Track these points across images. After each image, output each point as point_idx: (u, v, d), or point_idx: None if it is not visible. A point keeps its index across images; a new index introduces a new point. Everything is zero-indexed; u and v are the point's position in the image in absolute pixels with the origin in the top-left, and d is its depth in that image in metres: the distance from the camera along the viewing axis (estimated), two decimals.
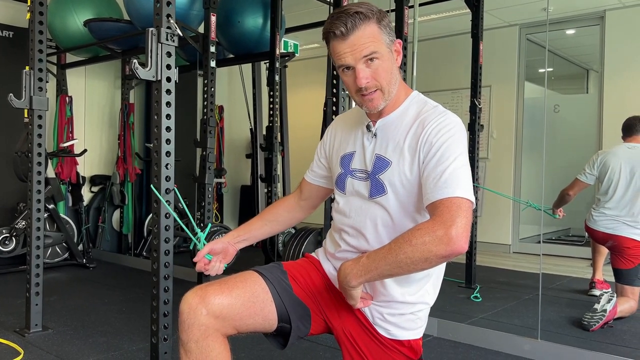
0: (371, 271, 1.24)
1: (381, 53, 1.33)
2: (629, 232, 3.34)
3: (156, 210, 2.22)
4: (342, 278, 1.29)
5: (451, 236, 1.16)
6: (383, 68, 1.35)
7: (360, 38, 1.31)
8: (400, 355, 1.45)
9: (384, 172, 1.40)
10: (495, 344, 2.75)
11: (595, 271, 3.91)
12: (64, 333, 2.91)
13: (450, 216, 1.18)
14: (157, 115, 2.21)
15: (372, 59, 1.33)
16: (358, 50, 1.31)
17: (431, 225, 1.19)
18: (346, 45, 1.32)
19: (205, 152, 3.64)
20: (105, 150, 5.45)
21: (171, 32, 2.20)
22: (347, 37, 1.32)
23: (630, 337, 3.01)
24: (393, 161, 1.39)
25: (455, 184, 1.23)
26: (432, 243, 1.17)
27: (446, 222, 1.18)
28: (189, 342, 1.36)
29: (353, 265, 1.27)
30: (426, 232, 1.18)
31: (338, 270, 1.32)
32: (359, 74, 1.33)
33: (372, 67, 1.34)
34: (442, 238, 1.16)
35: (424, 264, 1.19)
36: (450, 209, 1.20)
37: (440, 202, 1.23)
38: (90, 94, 5.32)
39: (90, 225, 5.16)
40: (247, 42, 4.27)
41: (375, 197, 1.41)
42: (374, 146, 1.44)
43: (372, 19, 1.32)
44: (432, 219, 1.22)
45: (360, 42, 1.31)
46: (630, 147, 3.46)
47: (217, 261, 1.59)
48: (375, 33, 1.33)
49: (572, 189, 3.62)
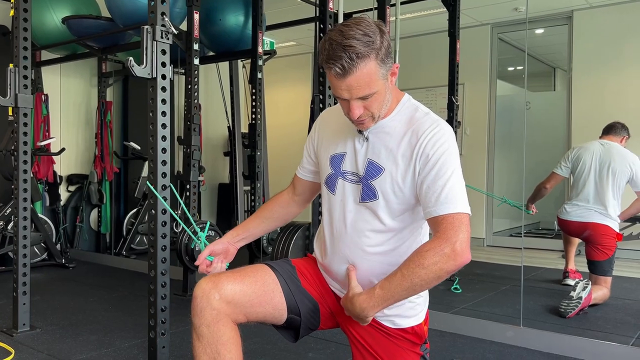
0: (387, 300, 1.32)
1: (377, 90, 1.33)
2: (601, 219, 3.50)
3: (153, 207, 2.24)
4: (359, 312, 1.35)
5: (457, 252, 1.26)
6: (377, 100, 1.35)
7: (357, 80, 1.30)
8: (407, 342, 1.52)
9: (377, 179, 1.42)
10: (479, 331, 2.85)
11: (568, 261, 4.07)
12: (53, 332, 2.90)
13: (454, 232, 1.28)
14: (153, 113, 2.22)
15: (367, 98, 1.34)
16: (354, 91, 1.32)
17: (438, 245, 1.27)
18: (343, 85, 1.32)
19: (189, 150, 3.65)
20: (82, 149, 5.38)
21: (166, 30, 2.22)
22: (344, 78, 1.30)
23: (604, 322, 3.16)
24: (386, 168, 1.41)
25: (455, 200, 1.31)
26: (442, 262, 1.26)
27: (450, 238, 1.27)
28: (201, 326, 1.40)
29: (368, 299, 1.33)
30: (435, 252, 1.26)
31: (350, 303, 1.37)
32: (353, 109, 1.35)
33: (367, 101, 1.35)
34: (450, 255, 1.26)
35: (436, 281, 1.29)
36: (453, 225, 1.28)
37: (443, 218, 1.30)
38: (66, 92, 5.25)
39: (68, 224, 5.09)
40: (228, 40, 4.28)
41: (367, 201, 1.44)
42: (365, 150, 1.45)
43: (371, 56, 1.29)
44: (436, 237, 1.30)
45: (356, 85, 1.30)
46: (603, 143, 3.63)
47: (219, 261, 1.62)
48: (372, 72, 1.30)
49: (549, 182, 3.79)
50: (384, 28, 1.34)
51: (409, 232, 1.46)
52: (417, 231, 1.48)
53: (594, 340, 2.67)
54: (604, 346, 2.58)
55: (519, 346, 2.70)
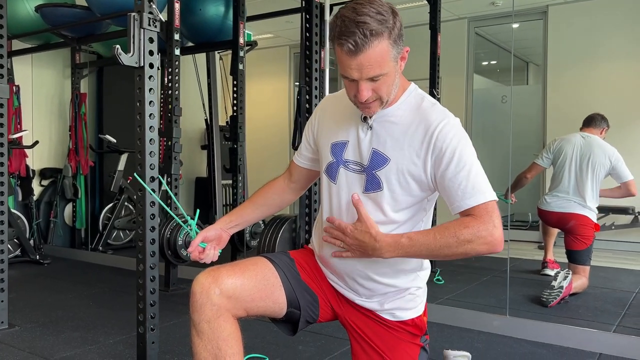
0: (408, 252, 1.30)
1: (387, 72, 1.30)
2: (580, 210, 3.57)
3: (141, 199, 2.18)
4: (377, 250, 1.31)
5: (495, 237, 1.26)
6: (386, 83, 1.32)
7: (368, 59, 1.26)
8: (407, 334, 1.52)
9: (382, 169, 1.39)
10: (466, 321, 2.88)
11: (547, 252, 4.14)
12: (33, 330, 2.81)
13: (490, 218, 1.27)
14: (140, 103, 2.17)
15: (377, 79, 1.30)
16: (365, 70, 1.27)
17: (477, 225, 1.26)
18: (353, 62, 1.27)
19: (171, 142, 3.58)
20: (55, 142, 5.24)
21: (153, 18, 2.16)
22: (355, 56, 1.26)
23: (584, 310, 3.23)
24: (392, 159, 1.38)
25: (482, 189, 1.30)
26: (476, 242, 1.26)
27: (488, 223, 1.27)
28: (201, 322, 1.36)
29: (392, 244, 1.30)
30: (472, 231, 1.26)
31: (370, 237, 1.32)
32: (361, 90, 1.30)
33: (376, 83, 1.31)
34: (486, 238, 1.26)
35: (461, 256, 1.28)
36: (488, 213, 1.28)
37: (475, 208, 1.29)
38: (38, 83, 5.09)
39: (42, 220, 4.95)
40: (208, 31, 4.21)
41: (370, 192, 1.41)
42: (370, 139, 1.42)
43: (384, 34, 1.25)
44: (474, 219, 1.28)
45: (368, 64, 1.26)
46: (584, 136, 3.69)
47: (211, 248, 1.56)
48: (384, 52, 1.27)
49: (530, 172, 3.85)
50: (397, 10, 1.31)
51: (410, 225, 1.44)
52: (418, 224, 1.46)
53: (578, 327, 2.72)
54: (587, 333, 2.64)
55: (506, 335, 2.74)
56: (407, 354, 1.51)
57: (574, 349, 2.56)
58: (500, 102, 6.30)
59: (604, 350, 2.52)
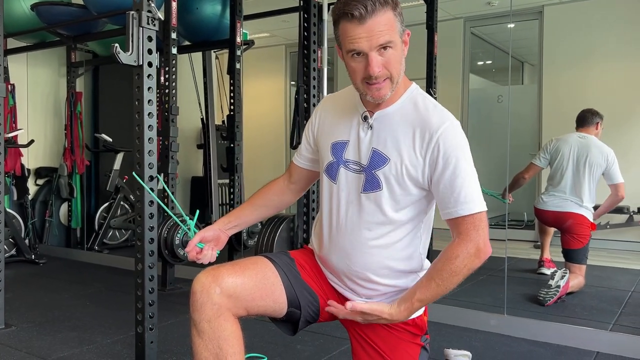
0: (420, 307, 1.42)
1: (395, 42, 1.31)
2: (576, 209, 3.59)
3: (139, 198, 2.17)
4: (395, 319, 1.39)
5: (481, 249, 1.34)
6: (395, 57, 1.32)
7: (378, 24, 1.27)
8: (408, 334, 1.51)
9: (381, 168, 1.39)
10: (464, 320, 2.89)
11: (543, 251, 4.16)
12: (30, 330, 2.80)
13: (476, 232, 1.33)
14: (139, 101, 2.16)
15: (386, 48, 1.29)
16: (375, 37, 1.27)
17: (464, 248, 1.33)
18: (362, 30, 1.27)
19: (168, 142, 3.57)
20: (50, 141, 5.21)
21: (152, 16, 2.15)
22: (364, 22, 1.26)
23: (581, 309, 3.24)
24: (391, 158, 1.38)
25: (474, 199, 1.34)
26: (469, 262, 1.33)
27: (474, 239, 1.33)
28: (202, 321, 1.35)
29: (406, 314, 1.39)
30: (463, 257, 1.33)
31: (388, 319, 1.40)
32: (372, 61, 1.29)
33: (385, 56, 1.30)
34: (475, 254, 1.33)
35: (464, 279, 1.35)
36: (474, 225, 1.34)
37: (463, 219, 1.34)
38: (33, 82, 5.06)
39: (37, 219, 4.92)
40: (205, 29, 4.20)
41: (369, 191, 1.41)
42: (370, 139, 1.42)
43: (390, 4, 1.29)
44: (460, 239, 1.35)
45: (377, 29, 1.27)
46: (581, 136, 3.70)
47: (209, 249, 1.55)
48: (391, 21, 1.29)
49: (527, 172, 3.86)
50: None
51: (411, 225, 1.44)
52: (418, 225, 1.46)
53: (576, 326, 2.73)
54: (585, 332, 2.65)
55: (504, 334, 2.75)
56: (407, 353, 1.50)
57: (572, 348, 2.57)
58: (496, 101, 6.31)
59: (602, 348, 2.53)
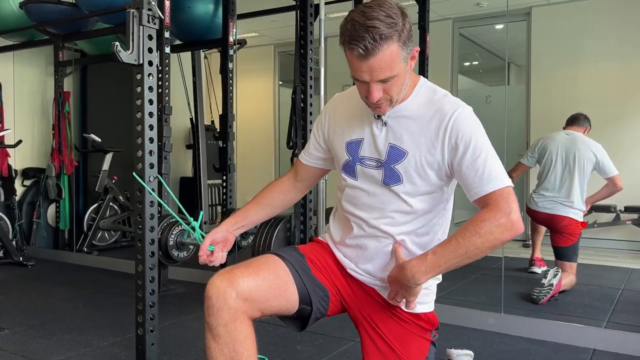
0: (440, 266, 1.31)
1: (397, 73, 1.32)
2: (564, 211, 3.62)
3: (140, 199, 2.15)
4: (410, 277, 1.33)
5: (513, 221, 1.29)
6: (397, 84, 1.35)
7: (379, 62, 1.28)
8: (419, 328, 1.52)
9: (400, 162, 1.42)
10: (461, 319, 2.90)
11: (535, 250, 4.20)
12: (23, 333, 2.75)
13: (507, 204, 1.30)
14: (140, 101, 2.14)
15: (387, 81, 1.32)
16: (375, 73, 1.30)
17: (493, 215, 1.29)
18: (364, 66, 1.29)
19: (161, 142, 3.53)
20: (38, 141, 5.13)
21: (152, 14, 2.13)
22: (366, 60, 1.28)
23: (574, 307, 3.28)
24: (409, 152, 1.41)
25: (499, 175, 1.34)
26: (498, 232, 1.28)
27: (504, 210, 1.30)
28: (218, 326, 1.34)
29: (420, 264, 1.32)
30: (490, 222, 1.28)
31: (400, 270, 1.35)
32: (372, 92, 1.33)
33: (387, 84, 1.33)
34: (506, 225, 1.29)
35: (489, 250, 1.30)
36: (504, 198, 1.31)
37: (492, 194, 1.32)
38: (20, 81, 4.97)
39: (24, 221, 4.84)
40: (197, 29, 4.16)
41: (391, 185, 1.44)
42: (385, 135, 1.44)
43: (394, 37, 1.27)
44: (490, 208, 1.31)
45: (378, 67, 1.29)
46: (567, 134, 3.75)
47: (219, 250, 1.56)
48: (394, 55, 1.29)
49: (515, 171, 3.89)
50: (406, 11, 1.32)
51: (434, 214, 1.47)
52: (441, 213, 1.49)
53: (572, 324, 2.77)
54: (581, 329, 2.68)
55: (501, 332, 2.77)
56: (417, 348, 1.51)
57: (569, 345, 2.60)
58: (484, 102, 6.36)
59: (598, 346, 2.57)
